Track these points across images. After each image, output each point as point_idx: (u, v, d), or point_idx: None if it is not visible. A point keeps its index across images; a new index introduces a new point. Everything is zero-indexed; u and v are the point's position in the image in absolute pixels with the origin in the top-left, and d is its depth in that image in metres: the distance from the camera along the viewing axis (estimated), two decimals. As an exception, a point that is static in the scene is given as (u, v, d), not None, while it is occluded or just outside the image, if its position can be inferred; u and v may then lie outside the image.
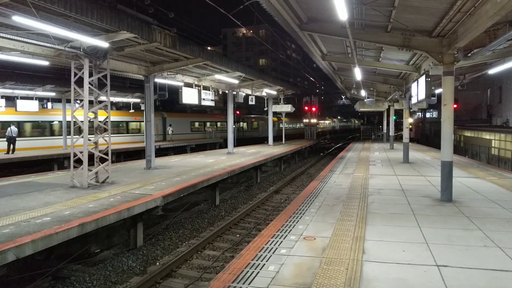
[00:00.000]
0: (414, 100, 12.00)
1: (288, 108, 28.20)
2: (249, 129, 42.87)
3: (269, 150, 23.22)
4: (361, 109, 30.83)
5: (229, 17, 10.48)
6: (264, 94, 25.81)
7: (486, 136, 23.79)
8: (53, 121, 22.94)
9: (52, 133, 22.82)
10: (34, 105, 20.27)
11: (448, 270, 4.66)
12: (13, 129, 19.05)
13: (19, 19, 7.10)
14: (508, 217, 7.13)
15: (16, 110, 19.29)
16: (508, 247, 5.47)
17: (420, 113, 46.90)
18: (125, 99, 26.67)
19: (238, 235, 9.77)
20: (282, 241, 5.85)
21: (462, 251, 5.36)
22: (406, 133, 17.63)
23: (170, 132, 29.60)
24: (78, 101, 17.77)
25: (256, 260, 5.08)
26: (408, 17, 8.29)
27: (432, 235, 6.07)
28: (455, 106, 8.89)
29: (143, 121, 26.61)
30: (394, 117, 27.51)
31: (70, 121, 10.49)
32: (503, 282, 4.33)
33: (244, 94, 22.04)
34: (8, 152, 18.73)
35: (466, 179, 11.70)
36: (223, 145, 30.80)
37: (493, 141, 22.52)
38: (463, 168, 14.54)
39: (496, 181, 11.27)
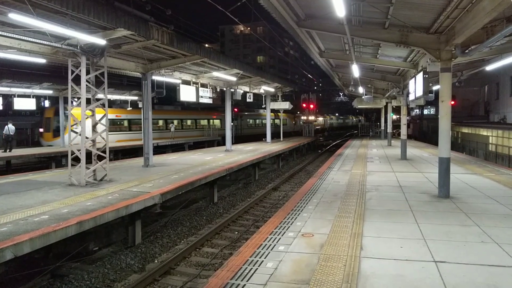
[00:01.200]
0: (411, 97, 12.00)
1: (286, 105, 28.18)
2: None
3: (267, 148, 23.21)
4: (359, 106, 30.80)
5: (226, 14, 10.47)
6: (262, 91, 25.77)
7: (484, 132, 23.85)
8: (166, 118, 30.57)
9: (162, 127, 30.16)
10: (32, 103, 20.29)
11: (446, 266, 4.68)
12: (11, 127, 18.94)
13: (15, 17, 7.06)
14: (505, 213, 7.17)
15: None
16: (505, 242, 5.50)
17: (417, 110, 46.92)
18: (122, 97, 26.64)
19: (236, 233, 9.78)
20: (280, 238, 5.86)
21: (460, 247, 5.38)
22: (403, 130, 17.66)
23: (172, 129, 29.64)
24: (76, 99, 17.77)
25: (255, 257, 5.09)
26: (405, 13, 8.28)
27: (430, 231, 6.10)
28: (452, 102, 8.91)
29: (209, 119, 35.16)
30: (391, 114, 27.54)
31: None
32: (500, 278, 4.35)
33: (242, 92, 22.01)
34: (5, 151, 18.66)
35: (464, 176, 11.74)
36: (221, 142, 30.83)
37: (490, 137, 22.59)
38: (461, 164, 14.59)
39: (493, 177, 11.31)
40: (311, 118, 44.02)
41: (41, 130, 24.20)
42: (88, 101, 10.16)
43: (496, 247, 5.34)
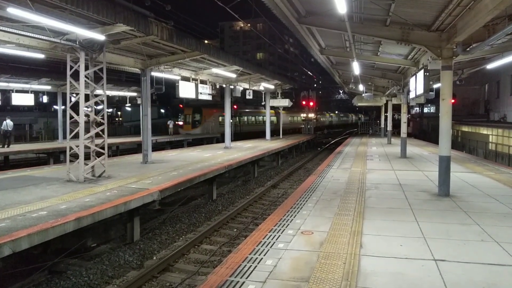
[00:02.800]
0: (412, 95, 11.99)
1: (285, 102, 28.12)
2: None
3: (267, 145, 23.18)
4: (359, 104, 30.79)
5: (226, 10, 10.42)
6: (261, 88, 25.71)
7: (484, 131, 23.82)
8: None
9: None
10: (30, 99, 20.24)
11: (446, 265, 4.66)
12: (9, 122, 18.87)
13: (14, 11, 7.00)
14: (505, 212, 7.15)
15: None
16: (505, 241, 5.48)
17: (418, 108, 46.89)
18: (121, 93, 26.58)
19: (235, 230, 9.76)
20: (279, 236, 5.83)
21: (460, 245, 5.36)
22: (404, 128, 17.63)
23: (171, 126, 29.61)
24: (74, 95, 17.70)
25: (254, 254, 5.07)
26: (407, 10, 8.23)
27: (430, 229, 6.07)
28: (453, 101, 8.87)
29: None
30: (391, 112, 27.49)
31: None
32: (500, 276, 4.33)
33: (241, 88, 21.96)
34: (3, 146, 18.60)
35: (464, 174, 11.72)
36: (220, 139, 30.81)
37: (490, 136, 22.55)
38: (461, 163, 14.57)
39: (493, 176, 11.30)
40: (311, 115, 43.98)
41: (180, 123, 32.81)
42: (87, 97, 10.10)
43: (496, 246, 5.32)
